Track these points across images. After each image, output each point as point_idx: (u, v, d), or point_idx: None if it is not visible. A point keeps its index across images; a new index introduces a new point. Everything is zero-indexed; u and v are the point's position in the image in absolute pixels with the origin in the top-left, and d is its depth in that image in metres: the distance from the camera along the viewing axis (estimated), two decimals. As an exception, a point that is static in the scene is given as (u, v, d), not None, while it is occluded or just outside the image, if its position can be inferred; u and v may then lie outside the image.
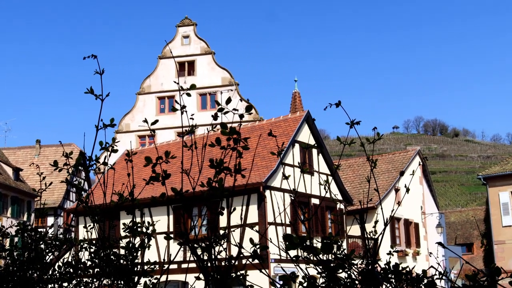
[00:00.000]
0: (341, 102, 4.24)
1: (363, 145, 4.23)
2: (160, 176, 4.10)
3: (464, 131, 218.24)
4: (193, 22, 57.80)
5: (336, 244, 3.81)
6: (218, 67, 56.00)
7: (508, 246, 50.89)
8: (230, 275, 3.80)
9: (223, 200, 4.14)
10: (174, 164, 5.53)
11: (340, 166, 3.77)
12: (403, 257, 43.54)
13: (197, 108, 53.75)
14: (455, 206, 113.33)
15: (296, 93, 54.98)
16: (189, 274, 4.15)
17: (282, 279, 4.10)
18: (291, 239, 3.65)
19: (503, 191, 51.74)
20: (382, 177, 44.96)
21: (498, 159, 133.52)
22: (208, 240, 3.88)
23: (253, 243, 3.84)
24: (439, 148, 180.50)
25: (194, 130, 4.32)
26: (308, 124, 36.22)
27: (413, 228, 46.53)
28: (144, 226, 5.01)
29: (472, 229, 73.04)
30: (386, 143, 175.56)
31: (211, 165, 3.94)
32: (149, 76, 56.89)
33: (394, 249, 4.68)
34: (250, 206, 32.05)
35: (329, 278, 3.68)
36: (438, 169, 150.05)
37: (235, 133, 3.94)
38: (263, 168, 33.08)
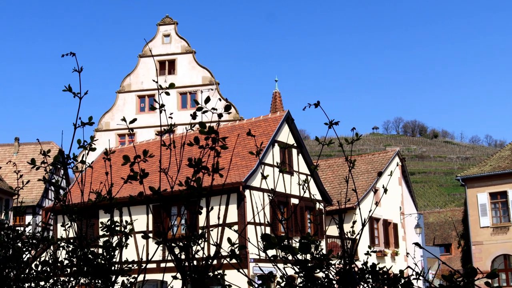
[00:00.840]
0: (321, 102, 4.25)
1: (341, 146, 4.24)
2: (138, 175, 4.08)
3: (443, 132, 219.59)
4: (174, 21, 57.64)
5: (313, 244, 3.82)
6: (198, 66, 55.87)
7: (486, 246, 51.24)
8: (208, 274, 3.79)
9: (202, 200, 4.12)
10: (154, 163, 5.52)
11: (318, 166, 3.78)
12: (381, 257, 43.70)
13: (178, 107, 53.61)
14: (433, 207, 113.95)
15: (276, 93, 55.05)
16: (167, 273, 4.14)
17: (261, 278, 4.10)
18: (268, 238, 3.66)
19: (481, 192, 52.08)
20: (362, 177, 45.10)
21: (476, 161, 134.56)
22: (186, 239, 3.86)
23: (231, 243, 3.84)
24: (418, 149, 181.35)
25: (173, 129, 4.30)
26: (288, 124, 36.25)
27: (391, 228, 46.72)
28: (122, 225, 4.99)
29: (450, 230, 73.50)
30: (366, 144, 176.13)
31: (189, 164, 3.93)
32: (130, 74, 56.65)
33: (372, 249, 4.69)
34: (229, 205, 32.02)
35: (307, 278, 3.69)
36: (417, 170, 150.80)
37: (213, 132, 3.93)
38: (243, 168, 33.07)
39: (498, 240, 50.90)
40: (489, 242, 51.21)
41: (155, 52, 55.96)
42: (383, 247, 44.78)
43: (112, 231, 4.88)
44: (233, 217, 31.68)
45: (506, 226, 50.96)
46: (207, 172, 3.94)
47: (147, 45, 56.13)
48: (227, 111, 4.09)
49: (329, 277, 3.76)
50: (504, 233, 50.90)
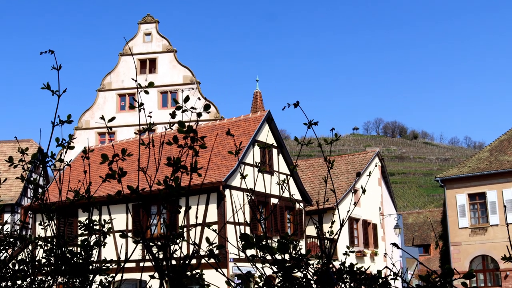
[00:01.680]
0: (302, 103, 4.25)
1: (320, 146, 4.25)
2: (116, 174, 4.07)
3: (423, 133, 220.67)
4: (155, 19, 57.47)
5: (292, 244, 3.82)
6: (179, 65, 55.74)
7: (464, 247, 51.59)
8: (185, 274, 3.78)
9: (182, 199, 4.11)
10: (134, 162, 5.49)
11: (297, 166, 3.79)
12: (361, 257, 43.86)
13: (158, 106, 53.47)
14: (413, 208, 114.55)
15: (257, 92, 55.10)
16: (146, 272, 4.13)
17: (239, 278, 4.10)
18: (247, 238, 3.66)
19: (460, 194, 52.43)
20: (342, 178, 45.24)
21: (455, 162, 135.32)
22: (164, 238, 3.86)
23: (209, 242, 3.83)
24: (398, 150, 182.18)
25: (153, 128, 4.30)
26: (269, 124, 36.30)
27: (371, 228, 46.90)
28: (100, 224, 4.97)
29: (429, 231, 73.97)
30: (346, 144, 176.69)
31: (168, 164, 3.93)
32: (110, 73, 56.40)
33: (350, 249, 4.71)
34: (209, 205, 32.01)
35: (285, 278, 3.69)
36: (397, 170, 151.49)
37: (192, 132, 3.92)
38: (223, 167, 33.08)
39: (477, 241, 51.26)
40: (467, 242, 51.56)
41: (136, 51, 55.77)
42: (363, 247, 44.94)
43: (90, 230, 4.85)
44: (213, 217, 31.66)
45: (484, 227, 51.33)
46: (185, 171, 3.94)
47: (128, 43, 55.92)
48: (206, 111, 4.08)
49: (307, 277, 3.77)
50: (482, 234, 51.27)
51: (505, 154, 53.20)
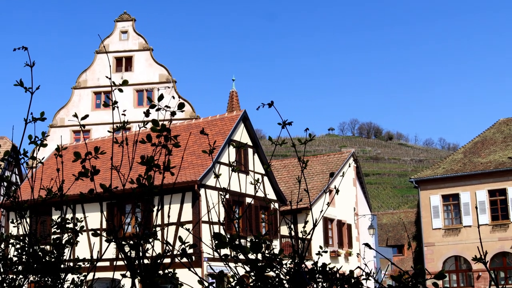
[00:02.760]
0: (279, 103, 4.26)
1: (294, 146, 4.25)
2: (89, 172, 4.04)
3: (398, 134, 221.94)
4: (132, 17, 57.24)
5: (265, 244, 3.83)
6: (156, 63, 55.56)
7: (438, 248, 51.96)
8: (157, 273, 3.77)
9: (154, 198, 4.10)
10: (108, 160, 5.47)
11: (271, 166, 3.80)
12: (335, 257, 44.02)
13: (134, 105, 53.27)
14: (387, 208, 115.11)
15: (233, 92, 55.10)
16: (120, 271, 4.11)
17: (212, 277, 4.10)
18: (220, 237, 3.65)
19: (434, 195, 52.80)
20: (317, 178, 45.37)
21: (430, 163, 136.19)
22: (136, 237, 3.84)
23: (182, 241, 3.83)
24: (373, 151, 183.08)
25: (128, 127, 4.28)
26: (245, 123, 36.32)
27: (345, 229, 47.09)
28: (72, 222, 4.93)
29: (403, 231, 74.36)
30: (322, 145, 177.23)
31: (141, 162, 3.91)
32: (86, 70, 56.07)
33: (324, 249, 4.72)
34: (184, 204, 31.96)
35: (257, 277, 3.69)
36: (372, 171, 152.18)
37: (165, 130, 3.91)
38: (199, 167, 33.03)
39: (450, 241, 51.65)
40: (440, 243, 51.95)
41: (112, 49, 55.51)
42: (337, 247, 45.11)
43: (63, 228, 4.82)
44: (188, 216, 31.62)
45: (458, 228, 51.74)
46: (158, 170, 3.93)
47: (104, 41, 55.66)
48: (180, 109, 4.07)
49: (280, 276, 3.77)
50: (455, 235, 51.67)
51: (479, 156, 53.65)
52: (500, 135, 55.85)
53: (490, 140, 55.45)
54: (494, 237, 50.14)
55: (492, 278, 3.73)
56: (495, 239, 49.98)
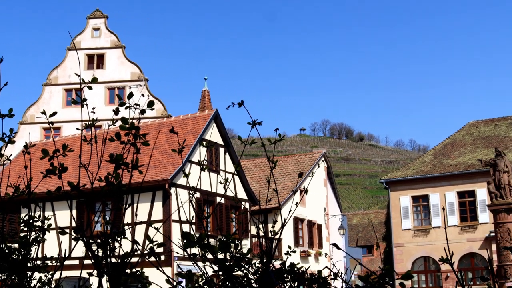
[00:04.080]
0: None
1: (263, 146, 4.26)
2: (56, 170, 4.01)
3: (369, 136, 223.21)
4: (104, 14, 56.83)
5: (233, 243, 3.83)
6: (128, 61, 55.22)
7: (407, 248, 52.34)
8: (125, 272, 3.75)
9: (124, 197, 4.07)
10: (78, 158, 5.42)
11: (240, 165, 3.81)
12: (305, 257, 44.12)
13: (105, 102, 52.91)
14: (357, 209, 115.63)
15: (205, 91, 54.96)
16: (88, 270, 4.07)
17: (180, 276, 4.09)
18: (188, 237, 3.65)
19: (404, 196, 53.18)
20: (288, 178, 45.45)
21: (400, 164, 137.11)
22: (104, 235, 3.82)
23: (150, 240, 3.81)
24: (344, 152, 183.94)
25: (100, 124, 4.25)
26: (216, 122, 36.27)
27: (316, 229, 47.21)
28: (40, 220, 4.89)
29: (373, 232, 74.77)
30: (293, 145, 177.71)
31: (110, 160, 3.89)
32: (57, 67, 55.55)
33: (292, 249, 4.73)
34: (155, 203, 31.83)
35: (225, 277, 3.69)
36: (343, 172, 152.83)
37: (134, 128, 3.89)
38: (170, 166, 32.91)
39: (419, 242, 52.05)
40: (410, 244, 52.33)
41: (84, 46, 55.09)
42: (307, 247, 45.21)
43: (30, 226, 4.78)
44: (159, 215, 31.51)
45: (427, 229, 52.15)
46: (126, 168, 3.90)
47: (76, 38, 55.24)
48: (150, 107, 4.05)
49: (248, 276, 3.77)
50: (424, 236, 52.08)
51: (448, 157, 54.11)
52: (470, 137, 56.38)
53: (460, 142, 55.96)
54: (463, 238, 50.62)
55: (458, 279, 3.77)
56: (463, 240, 50.47)
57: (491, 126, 57.15)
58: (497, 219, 29.29)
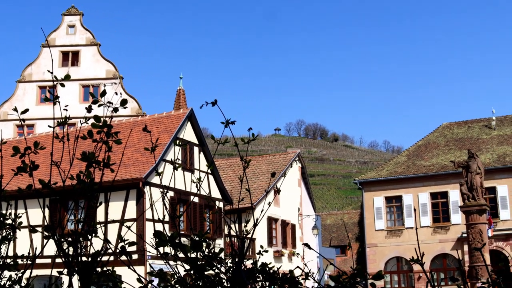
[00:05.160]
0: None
1: (236, 145, 4.26)
2: (28, 167, 3.98)
3: (343, 136, 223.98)
4: (79, 11, 56.48)
5: (205, 242, 3.82)
6: (103, 59, 54.94)
7: (380, 249, 52.62)
8: (95, 270, 3.73)
9: (97, 195, 4.05)
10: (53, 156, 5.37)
11: (214, 164, 3.82)
12: (279, 257, 44.18)
13: (79, 100, 52.60)
14: (331, 209, 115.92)
15: (180, 90, 54.85)
16: (60, 269, 4.04)
17: (151, 275, 4.08)
18: (160, 235, 3.64)
19: (378, 196, 53.46)
20: (262, 177, 45.49)
21: (374, 165, 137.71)
22: (75, 234, 3.80)
23: (121, 239, 3.79)
24: (318, 152, 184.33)
25: (74, 122, 4.22)
26: (191, 121, 36.20)
27: (289, 229, 47.29)
28: (11, 218, 4.85)
29: (346, 232, 75.02)
30: (268, 145, 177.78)
31: (82, 158, 3.87)
32: (31, 64, 55.11)
33: (264, 249, 4.74)
34: (128, 201, 31.69)
35: (197, 276, 3.69)
36: (317, 172, 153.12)
37: (106, 126, 3.88)
38: (144, 164, 32.78)
39: (392, 243, 52.36)
40: (383, 244, 52.63)
41: (59, 43, 54.72)
42: (281, 247, 45.28)
43: (0, 224, 4.73)
44: (132, 214, 31.37)
45: (400, 230, 52.47)
46: (98, 166, 3.88)
47: (50, 34, 54.88)
48: (123, 106, 4.04)
49: (219, 275, 3.77)
50: (397, 236, 52.40)
51: (422, 159, 54.49)
52: (443, 139, 56.83)
53: (433, 144, 56.39)
54: (435, 239, 51.02)
55: (428, 279, 3.80)
56: (436, 241, 50.87)
57: (464, 128, 57.65)
58: (469, 220, 29.53)
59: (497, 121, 57.00)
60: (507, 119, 57.28)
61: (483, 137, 55.34)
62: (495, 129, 55.94)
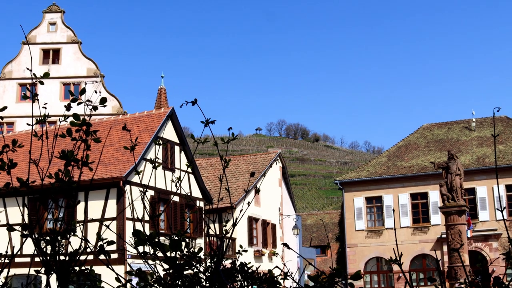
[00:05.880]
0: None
1: (216, 145, 4.25)
2: (6, 165, 3.95)
3: (324, 136, 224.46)
4: (61, 9, 56.18)
5: (184, 242, 3.81)
6: (84, 57, 54.69)
7: (360, 249, 52.79)
8: (73, 269, 3.72)
9: (77, 194, 4.03)
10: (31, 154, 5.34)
11: (193, 164, 3.82)
12: (259, 257, 44.19)
13: (60, 98, 52.33)
14: (312, 209, 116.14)
15: (162, 89, 54.72)
16: (38, 268, 4.01)
17: (129, 275, 4.06)
18: (139, 234, 3.63)
19: (358, 197, 53.62)
20: (243, 177, 45.47)
21: (355, 166, 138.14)
22: (53, 233, 3.78)
23: (99, 238, 3.78)
24: (299, 152, 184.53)
25: (54, 120, 4.20)
26: (172, 120, 36.13)
27: (270, 228, 47.32)
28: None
29: (327, 232, 75.22)
30: (249, 144, 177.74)
31: (60, 156, 3.85)
32: (12, 61, 54.74)
33: (244, 248, 4.74)
34: (109, 200, 31.56)
35: (176, 276, 3.68)
36: (298, 172, 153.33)
37: (85, 125, 3.86)
38: (125, 163, 32.67)
39: (372, 243, 52.54)
40: (363, 244, 52.80)
41: (40, 40, 54.40)
42: (261, 247, 45.30)
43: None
44: (113, 212, 31.26)
45: (380, 230, 52.67)
46: (76, 165, 3.87)
47: (31, 32, 54.57)
48: (102, 104, 4.02)
49: (198, 275, 3.77)
50: (377, 237, 52.59)
51: (402, 160, 54.74)
52: (423, 140, 57.12)
53: (414, 145, 56.66)
54: (415, 239, 51.27)
55: (406, 279, 3.81)
56: (416, 241, 51.13)
57: (444, 130, 57.97)
58: (449, 221, 29.71)
59: (477, 122, 57.36)
60: (486, 121, 57.65)
61: (463, 138, 55.68)
62: (475, 131, 56.29)
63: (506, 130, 54.88)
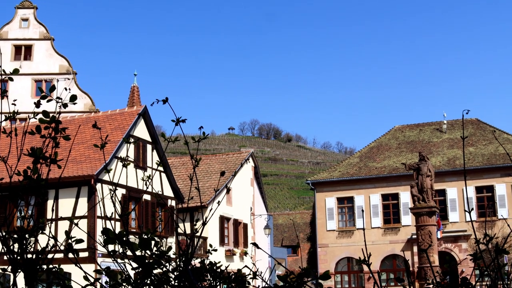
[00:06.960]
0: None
1: (187, 144, 4.24)
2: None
3: (296, 137, 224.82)
4: (33, 5, 55.76)
5: (154, 240, 3.80)
6: (56, 54, 54.30)
7: (331, 249, 53.02)
8: (41, 267, 3.69)
9: (46, 191, 4.01)
10: (2, 151, 5.29)
11: (161, 164, 3.79)
12: (230, 256, 44.21)
13: (32, 95, 51.94)
14: (283, 209, 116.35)
15: (134, 87, 54.53)
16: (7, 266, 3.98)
17: (98, 273, 4.04)
18: (107, 233, 3.61)
19: (330, 197, 53.85)
20: (215, 176, 45.48)
21: (327, 166, 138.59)
22: (20, 230, 3.75)
23: (68, 236, 3.76)
24: (272, 152, 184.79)
25: (25, 117, 4.16)
26: (145, 119, 36.02)
27: (242, 228, 47.37)
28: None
29: (299, 232, 75.41)
30: (221, 144, 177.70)
31: (29, 154, 3.82)
32: (-18, 57, 54.21)
33: (213, 247, 4.74)
34: (80, 198, 31.39)
35: (144, 275, 3.67)
36: (270, 172, 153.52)
37: (54, 122, 3.83)
38: (96, 161, 32.51)
39: (343, 243, 52.80)
40: (334, 245, 53.04)
41: (12, 36, 53.95)
42: (233, 246, 45.32)
43: None
44: (83, 211, 31.08)
45: (351, 230, 52.94)
46: (45, 162, 3.84)
47: (3, 27, 54.09)
48: (72, 101, 3.99)
49: (167, 274, 3.76)
50: (348, 237, 52.86)
51: (374, 160, 55.06)
52: (395, 141, 57.52)
53: (385, 146, 57.03)
54: (386, 240, 51.61)
55: (375, 280, 3.84)
56: (386, 242, 51.46)
57: (416, 131, 58.43)
58: (419, 221, 29.93)
59: (448, 124, 57.90)
60: (458, 123, 58.19)
61: (434, 140, 56.16)
62: (446, 133, 56.80)
63: (477, 132, 55.43)
